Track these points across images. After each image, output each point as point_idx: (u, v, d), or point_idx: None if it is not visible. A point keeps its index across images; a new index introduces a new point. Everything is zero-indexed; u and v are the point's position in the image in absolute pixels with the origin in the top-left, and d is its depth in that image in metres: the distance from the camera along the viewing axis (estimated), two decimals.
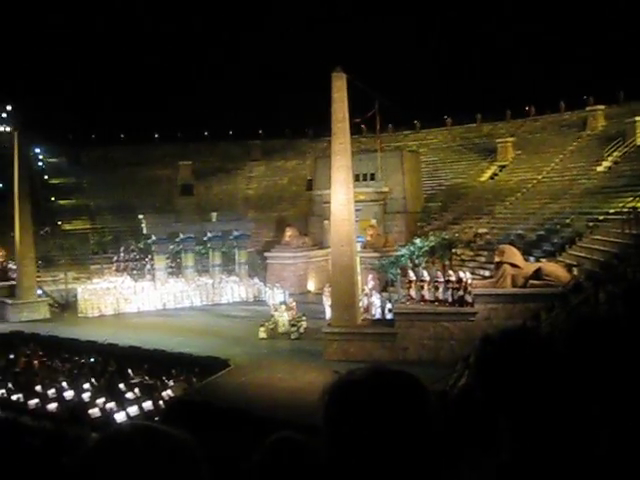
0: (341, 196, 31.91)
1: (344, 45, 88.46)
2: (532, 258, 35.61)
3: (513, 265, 30.00)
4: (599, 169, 48.67)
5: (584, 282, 26.69)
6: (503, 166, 60.29)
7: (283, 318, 35.67)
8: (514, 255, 30.64)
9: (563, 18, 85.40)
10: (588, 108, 60.40)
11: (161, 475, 1.54)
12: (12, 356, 34.63)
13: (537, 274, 29.60)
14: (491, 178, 59.75)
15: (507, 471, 2.04)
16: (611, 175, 46.87)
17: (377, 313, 34.29)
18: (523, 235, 42.90)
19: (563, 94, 64.92)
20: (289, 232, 53.02)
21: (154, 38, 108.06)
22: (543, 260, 34.20)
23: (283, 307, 36.81)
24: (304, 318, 36.23)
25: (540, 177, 53.88)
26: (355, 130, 48.55)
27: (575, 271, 30.51)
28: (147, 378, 29.26)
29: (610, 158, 49.59)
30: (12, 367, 32.61)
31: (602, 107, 59.47)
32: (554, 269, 30.21)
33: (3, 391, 28.08)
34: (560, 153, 56.52)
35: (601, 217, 38.23)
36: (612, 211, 37.93)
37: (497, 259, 31.02)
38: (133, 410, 24.58)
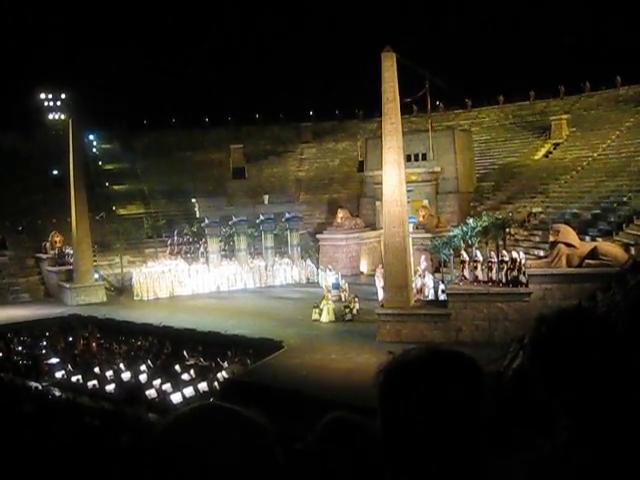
0: (392, 177, 31.76)
1: (394, 24, 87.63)
2: (588, 237, 35.04)
3: (568, 245, 29.58)
4: None
5: None
6: (557, 144, 59.23)
7: (329, 306, 35.42)
8: (569, 234, 30.20)
9: None
10: None
11: (237, 454, 1.53)
12: (71, 339, 35.44)
13: (593, 254, 29.13)
14: (545, 156, 58.76)
15: (563, 453, 2.02)
16: None
17: (430, 294, 34.18)
18: (578, 214, 42.20)
19: (619, 68, 63.35)
20: (341, 214, 53.05)
21: (203, 21, 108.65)
22: (599, 239, 33.63)
23: (329, 294, 36.66)
24: (357, 300, 36.24)
25: (596, 154, 52.81)
26: (406, 110, 48.33)
27: (632, 250, 29.94)
28: (202, 360, 29.66)
29: None
30: (71, 349, 33.39)
31: None
32: (610, 248, 29.70)
33: (63, 373, 28.76)
34: (617, 129, 55.27)
35: None
36: None
37: (552, 238, 30.61)
38: (189, 391, 24.95)
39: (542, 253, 35.53)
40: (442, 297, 32.43)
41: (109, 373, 28.21)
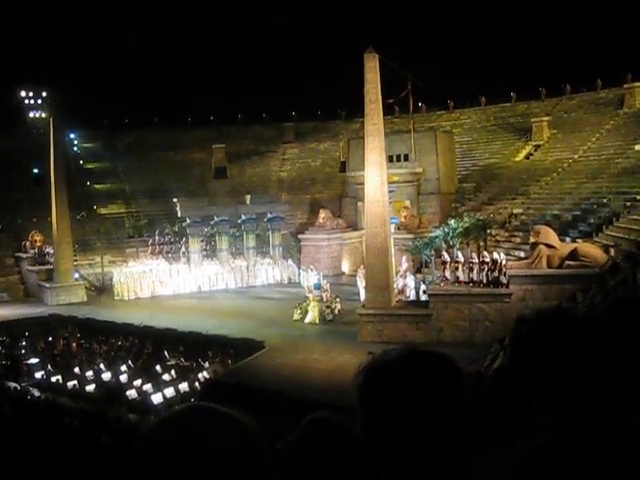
0: (374, 177, 31.81)
1: (376, 25, 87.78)
2: (568, 239, 35.24)
3: (549, 246, 29.74)
4: (637, 148, 47.78)
5: (621, 263, 26.44)
6: (538, 145, 59.53)
7: (315, 310, 35.09)
8: (550, 235, 30.36)
9: None
10: (626, 85, 59.16)
11: (226, 456, 1.50)
12: (51, 339, 35.21)
13: (573, 255, 29.31)
14: (526, 158, 59.03)
15: (543, 453, 2.03)
16: None
17: (411, 295, 34.24)
18: (559, 215, 42.43)
19: (600, 71, 63.80)
20: (323, 214, 53.03)
21: (185, 22, 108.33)
22: (579, 240, 33.84)
23: (311, 295, 36.38)
24: (338, 300, 36.23)
25: (576, 156, 53.14)
26: (388, 111, 48.31)
27: (612, 252, 30.16)
28: (183, 360, 29.57)
29: None
30: (51, 349, 33.17)
31: None
32: (590, 250, 29.89)
33: (42, 373, 28.57)
34: (597, 132, 55.64)
35: (639, 197, 37.67)
36: None
37: (532, 240, 30.79)
38: (169, 392, 24.86)
39: (523, 254, 35.72)
40: (423, 297, 32.51)
41: (89, 373, 28.06)
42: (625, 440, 1.99)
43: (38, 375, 28.41)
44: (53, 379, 27.80)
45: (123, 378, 27.16)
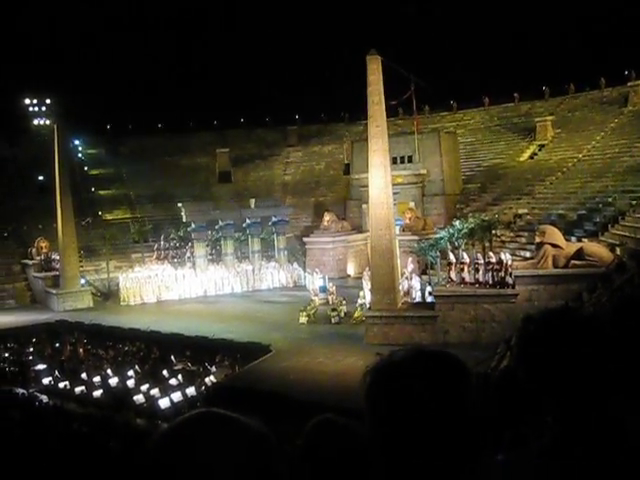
0: (379, 179, 31.79)
1: (379, 27, 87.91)
2: (573, 238, 35.16)
3: (554, 245, 29.69)
4: None
5: (627, 261, 26.40)
6: (542, 145, 59.50)
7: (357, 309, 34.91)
8: (555, 235, 30.32)
9: None
10: (630, 84, 59.17)
11: (237, 463, 1.49)
12: (58, 345, 35.27)
13: (579, 254, 29.26)
14: (530, 158, 58.99)
15: (550, 453, 2.03)
16: None
17: (417, 296, 34.21)
18: (564, 215, 42.36)
19: (603, 70, 63.72)
20: (327, 217, 53.06)
21: (187, 26, 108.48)
22: (585, 240, 33.77)
23: (361, 300, 35.83)
24: (344, 302, 36.23)
25: (581, 155, 53.09)
26: (391, 112, 48.34)
27: (618, 250, 30.10)
28: (190, 364, 29.58)
29: None
30: (58, 355, 33.23)
31: None
32: (596, 249, 29.84)
33: (50, 379, 28.61)
34: (601, 130, 55.59)
35: None
36: None
37: (538, 240, 30.74)
38: (176, 396, 24.87)
39: (528, 254, 35.68)
40: (429, 299, 32.47)
41: (96, 379, 28.08)
42: (628, 441, 1.98)
43: (46, 381, 28.47)
44: (61, 385, 27.86)
45: (130, 383, 27.19)
